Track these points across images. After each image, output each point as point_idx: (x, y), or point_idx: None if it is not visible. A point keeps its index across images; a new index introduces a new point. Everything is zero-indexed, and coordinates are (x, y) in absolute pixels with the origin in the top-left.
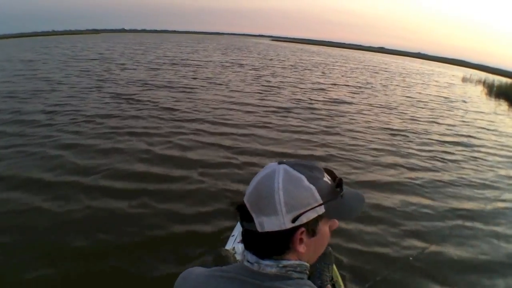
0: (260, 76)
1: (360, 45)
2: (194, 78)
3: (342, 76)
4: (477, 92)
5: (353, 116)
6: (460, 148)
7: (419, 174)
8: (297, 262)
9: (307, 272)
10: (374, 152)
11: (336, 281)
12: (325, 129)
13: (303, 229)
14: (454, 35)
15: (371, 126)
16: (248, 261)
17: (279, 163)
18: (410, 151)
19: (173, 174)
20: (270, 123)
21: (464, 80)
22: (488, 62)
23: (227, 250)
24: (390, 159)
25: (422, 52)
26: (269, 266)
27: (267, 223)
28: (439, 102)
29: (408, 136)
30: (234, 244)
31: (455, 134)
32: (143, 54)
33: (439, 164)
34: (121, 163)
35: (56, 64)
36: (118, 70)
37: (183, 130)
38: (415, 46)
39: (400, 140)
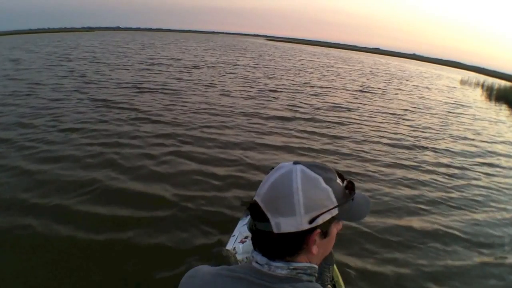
0: (255, 79)
1: (355, 46)
2: (186, 80)
3: (342, 78)
4: (478, 96)
5: (358, 127)
6: (485, 170)
7: (449, 212)
8: (308, 264)
9: (316, 275)
10: (391, 182)
11: (336, 281)
12: (328, 146)
13: (318, 230)
14: (448, 37)
15: (380, 141)
16: (257, 262)
17: (295, 163)
18: (433, 176)
19: (147, 215)
20: (265, 140)
21: (463, 82)
22: (483, 64)
23: (228, 250)
24: (411, 194)
25: (417, 53)
26: (279, 268)
27: (284, 224)
28: (444, 108)
29: (422, 152)
30: (235, 244)
31: (475, 152)
32: (135, 53)
33: (470, 200)
34: (73, 201)
35: (44, 63)
36: (107, 71)
37: (163, 150)
38: (409, 47)
39: (416, 159)
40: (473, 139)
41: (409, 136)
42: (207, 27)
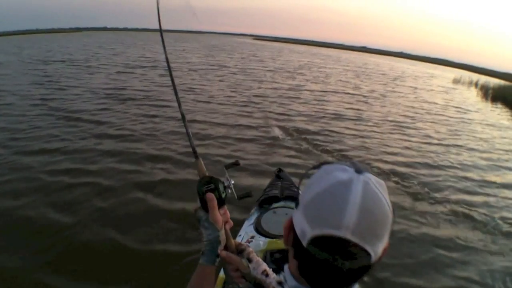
0: (241, 83)
1: (342, 44)
2: (166, 86)
3: (334, 81)
4: (474, 96)
5: (364, 143)
6: None
7: None
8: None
9: None
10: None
11: None
12: None
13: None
14: (434, 34)
15: (389, 161)
16: None
17: (358, 172)
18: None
19: None
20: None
21: (455, 81)
22: (471, 61)
23: None
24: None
25: (405, 51)
26: None
27: (379, 248)
28: (449, 114)
29: (442, 182)
30: None
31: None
32: (118, 55)
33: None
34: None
35: (20, 68)
36: (83, 75)
37: (121, 198)
38: (396, 45)
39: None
40: (496, 153)
41: (425, 155)
42: (193, 27)
